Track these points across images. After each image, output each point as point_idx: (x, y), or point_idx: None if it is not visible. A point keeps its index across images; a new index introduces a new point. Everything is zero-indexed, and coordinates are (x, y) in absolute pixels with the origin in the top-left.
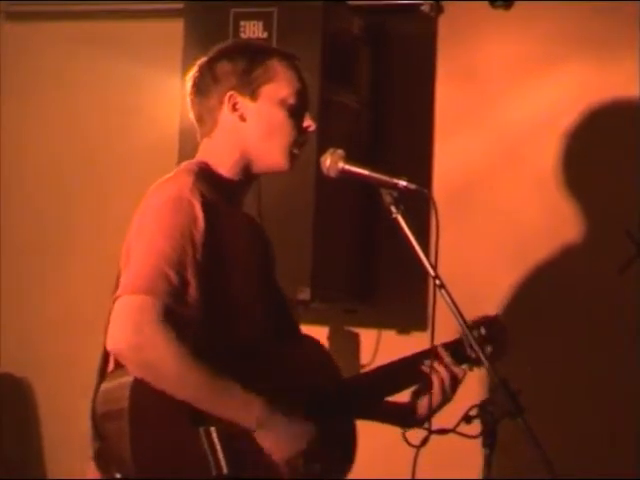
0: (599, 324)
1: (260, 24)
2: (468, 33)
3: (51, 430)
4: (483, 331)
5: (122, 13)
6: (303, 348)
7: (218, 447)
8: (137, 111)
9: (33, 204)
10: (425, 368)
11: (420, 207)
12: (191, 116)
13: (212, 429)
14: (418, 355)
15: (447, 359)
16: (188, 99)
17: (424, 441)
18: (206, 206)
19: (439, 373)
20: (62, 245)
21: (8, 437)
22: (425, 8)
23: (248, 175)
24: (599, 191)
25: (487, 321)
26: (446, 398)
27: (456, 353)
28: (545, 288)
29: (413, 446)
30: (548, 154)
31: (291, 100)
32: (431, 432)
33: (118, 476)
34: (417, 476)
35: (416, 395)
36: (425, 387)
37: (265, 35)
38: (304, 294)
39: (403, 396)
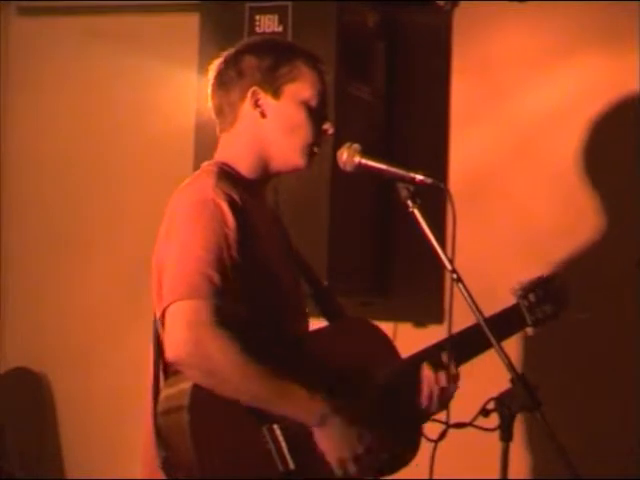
0: (615, 317)
1: (275, 18)
2: (483, 26)
3: (68, 424)
4: (540, 292)
5: (136, 7)
6: (354, 329)
7: (283, 444)
8: (152, 106)
9: (49, 198)
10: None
11: (436, 201)
12: (209, 106)
13: (275, 426)
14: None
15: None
16: (209, 89)
17: (442, 435)
18: (232, 204)
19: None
20: (79, 240)
21: (25, 431)
22: (440, 1)
23: (266, 173)
24: (614, 183)
25: (542, 281)
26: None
27: (515, 320)
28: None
29: (431, 440)
30: (563, 146)
31: (313, 102)
32: (449, 426)
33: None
34: (435, 469)
35: None
36: None
37: (280, 29)
38: None
39: None
